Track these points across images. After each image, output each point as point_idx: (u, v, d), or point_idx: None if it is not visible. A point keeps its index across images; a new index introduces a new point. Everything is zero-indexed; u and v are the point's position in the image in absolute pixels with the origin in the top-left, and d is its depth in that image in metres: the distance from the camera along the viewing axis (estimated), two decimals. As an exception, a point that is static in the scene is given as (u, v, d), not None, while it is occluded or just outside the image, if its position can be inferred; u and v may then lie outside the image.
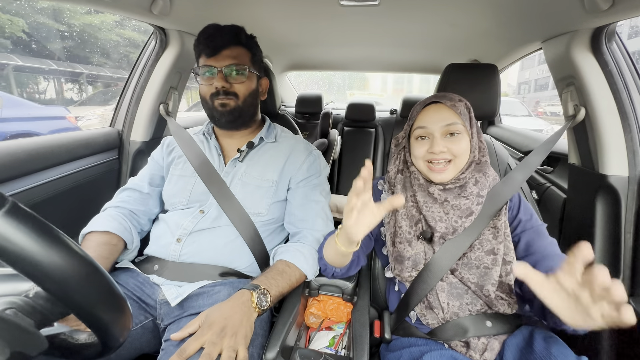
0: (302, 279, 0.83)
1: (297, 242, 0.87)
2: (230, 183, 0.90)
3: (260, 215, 0.90)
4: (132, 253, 0.90)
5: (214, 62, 0.86)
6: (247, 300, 0.69)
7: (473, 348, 0.70)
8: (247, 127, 0.97)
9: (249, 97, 0.91)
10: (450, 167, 0.76)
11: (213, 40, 0.86)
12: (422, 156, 0.79)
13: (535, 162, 0.89)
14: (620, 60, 0.94)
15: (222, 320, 0.64)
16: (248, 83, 0.91)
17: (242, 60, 0.89)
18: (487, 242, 0.75)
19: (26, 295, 0.37)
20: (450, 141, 0.76)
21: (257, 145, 0.95)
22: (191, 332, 0.64)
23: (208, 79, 0.88)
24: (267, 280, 0.75)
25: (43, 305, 0.37)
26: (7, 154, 0.90)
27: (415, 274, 0.78)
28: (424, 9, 1.10)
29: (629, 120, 0.90)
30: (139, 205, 0.94)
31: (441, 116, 0.76)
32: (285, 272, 0.79)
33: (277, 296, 0.75)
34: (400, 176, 0.86)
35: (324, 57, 2.12)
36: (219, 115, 0.89)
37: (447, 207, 0.77)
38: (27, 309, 0.36)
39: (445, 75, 1.11)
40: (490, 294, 0.72)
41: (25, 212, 0.32)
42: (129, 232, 0.88)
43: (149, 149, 1.34)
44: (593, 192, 0.96)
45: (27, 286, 0.38)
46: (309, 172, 0.94)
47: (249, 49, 0.92)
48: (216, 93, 0.87)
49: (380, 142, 2.42)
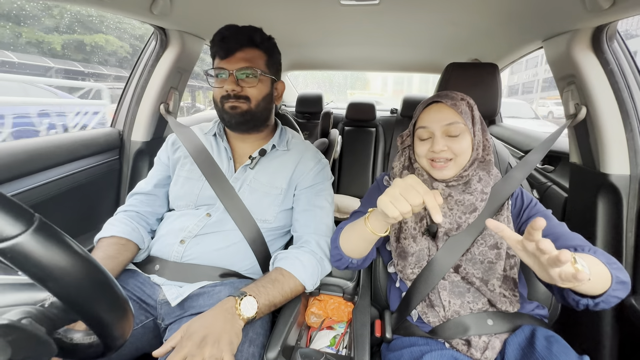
0: (299, 288, 0.79)
1: (298, 249, 0.84)
2: (239, 189, 0.89)
3: (267, 222, 0.89)
4: (146, 252, 0.90)
5: (227, 64, 0.84)
6: (231, 307, 0.67)
7: (474, 346, 0.70)
8: (259, 131, 0.95)
9: (262, 101, 0.89)
10: (451, 165, 0.77)
11: (227, 42, 0.84)
12: (424, 154, 0.79)
13: (534, 160, 0.89)
14: (621, 59, 0.94)
15: (203, 329, 0.62)
16: (261, 87, 0.88)
17: (255, 63, 0.86)
18: (489, 237, 0.76)
19: (42, 305, 0.37)
20: (451, 140, 0.76)
21: (268, 152, 0.94)
22: (173, 346, 0.61)
23: (220, 82, 0.87)
24: (256, 289, 0.72)
25: (56, 314, 0.38)
26: (8, 155, 0.90)
27: (417, 271, 0.79)
28: (425, 8, 1.10)
29: (630, 119, 0.90)
30: (146, 207, 0.94)
31: (441, 116, 0.76)
32: (278, 280, 0.76)
33: (267, 305, 0.72)
34: (406, 172, 0.86)
35: (325, 56, 2.12)
36: (229, 117, 0.87)
37: (451, 202, 0.78)
38: (40, 317, 0.36)
39: (445, 74, 1.10)
40: (495, 289, 0.73)
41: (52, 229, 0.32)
42: (137, 232, 0.88)
43: (149, 149, 1.34)
44: (594, 191, 0.95)
45: (43, 296, 0.38)
46: (314, 180, 0.93)
47: (265, 51, 0.89)
48: (227, 96, 0.85)
49: (381, 141, 2.42)
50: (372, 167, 2.35)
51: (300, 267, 0.80)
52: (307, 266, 0.80)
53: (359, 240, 0.74)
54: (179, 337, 0.62)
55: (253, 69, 0.85)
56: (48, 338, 0.36)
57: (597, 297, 0.59)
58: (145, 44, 1.34)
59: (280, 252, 0.85)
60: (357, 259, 0.79)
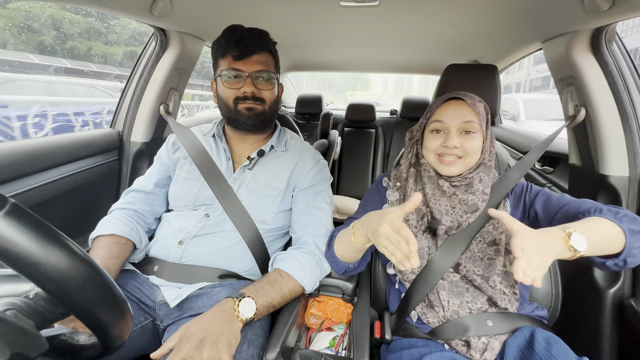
0: (298, 289, 0.79)
1: (297, 250, 0.85)
2: (237, 189, 0.89)
3: (266, 223, 0.89)
4: (142, 252, 0.89)
5: (243, 66, 0.84)
6: (229, 308, 0.67)
7: (473, 347, 0.70)
8: (264, 132, 0.96)
9: (274, 104, 0.91)
10: (460, 163, 0.77)
11: (244, 43, 0.84)
12: (434, 149, 0.79)
13: (531, 159, 0.90)
14: (620, 61, 0.94)
15: (201, 331, 0.62)
16: (274, 90, 0.90)
17: (269, 67, 0.88)
18: (488, 234, 0.77)
19: (26, 296, 0.37)
20: (465, 138, 0.76)
21: (267, 153, 0.94)
22: (171, 347, 0.61)
23: (234, 83, 0.86)
24: (255, 290, 0.72)
25: (44, 306, 0.37)
26: (8, 155, 0.90)
27: (417, 271, 0.79)
28: (424, 9, 1.10)
29: (629, 121, 0.90)
30: (145, 206, 0.94)
31: (460, 112, 0.77)
32: (277, 282, 0.76)
33: (266, 306, 0.72)
34: (413, 170, 0.86)
35: (324, 57, 2.13)
36: (244, 119, 0.87)
37: (455, 201, 0.78)
38: (28, 310, 0.36)
39: (445, 75, 1.11)
40: (496, 285, 0.74)
41: (26, 213, 0.32)
42: (135, 232, 0.87)
43: (149, 149, 1.34)
44: (593, 192, 0.96)
45: (27, 287, 0.38)
46: (313, 181, 0.93)
47: (273, 54, 0.91)
48: (243, 98, 0.86)
49: (381, 142, 2.42)
50: (372, 168, 2.35)
51: (299, 269, 0.80)
52: (306, 267, 0.81)
53: (349, 250, 0.77)
54: (177, 339, 0.62)
55: (269, 72, 0.87)
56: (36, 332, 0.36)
57: (619, 254, 0.61)
58: (145, 45, 1.34)
59: (279, 253, 0.85)
60: (353, 263, 0.81)
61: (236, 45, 0.84)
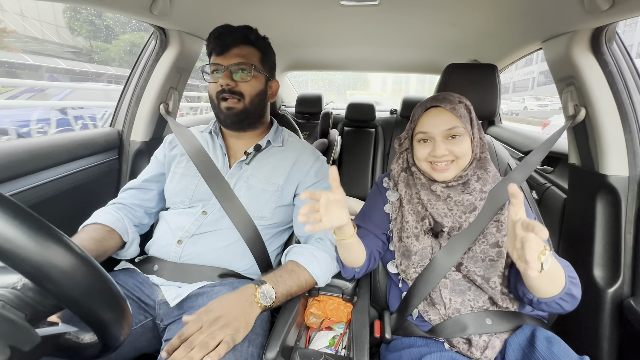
0: (312, 282, 0.81)
1: (313, 245, 0.86)
2: (234, 185, 0.89)
3: (264, 219, 0.89)
4: (132, 248, 0.90)
5: (222, 60, 0.86)
6: (251, 295, 0.70)
7: (474, 345, 0.70)
8: (254, 128, 0.96)
9: (255, 98, 0.90)
10: (453, 167, 0.78)
11: (223, 38, 0.87)
12: (424, 158, 0.80)
13: (535, 161, 0.90)
14: (620, 61, 0.94)
15: (220, 310, 0.65)
16: (254, 83, 0.89)
17: (250, 60, 0.88)
18: (491, 236, 0.77)
19: (14, 288, 0.36)
20: (452, 143, 0.77)
21: (264, 148, 0.94)
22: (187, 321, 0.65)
23: (215, 77, 0.89)
24: (275, 278, 0.75)
25: (33, 298, 0.37)
26: (7, 154, 0.90)
27: (420, 270, 0.79)
28: (424, 9, 1.10)
29: (629, 120, 0.90)
30: (133, 199, 0.95)
31: (441, 120, 0.77)
32: (294, 271, 0.78)
33: (285, 294, 0.75)
34: (404, 174, 0.87)
35: (324, 57, 2.12)
36: (225, 117, 0.89)
37: (451, 203, 0.79)
38: (17, 302, 0.36)
39: (445, 75, 1.11)
40: (496, 286, 0.74)
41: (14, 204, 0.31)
42: (121, 222, 0.87)
43: (149, 149, 1.34)
44: (593, 192, 0.96)
45: (14, 278, 0.37)
46: (317, 177, 0.93)
47: (259, 48, 0.91)
48: (221, 91, 0.87)
49: (380, 142, 2.42)
50: (372, 168, 2.35)
51: (314, 263, 0.81)
52: (322, 263, 0.82)
53: (342, 251, 0.80)
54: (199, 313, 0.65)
55: (247, 64, 0.87)
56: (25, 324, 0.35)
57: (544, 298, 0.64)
58: (145, 44, 1.34)
59: (295, 245, 0.87)
60: (359, 267, 0.83)
61: (215, 41, 0.87)
